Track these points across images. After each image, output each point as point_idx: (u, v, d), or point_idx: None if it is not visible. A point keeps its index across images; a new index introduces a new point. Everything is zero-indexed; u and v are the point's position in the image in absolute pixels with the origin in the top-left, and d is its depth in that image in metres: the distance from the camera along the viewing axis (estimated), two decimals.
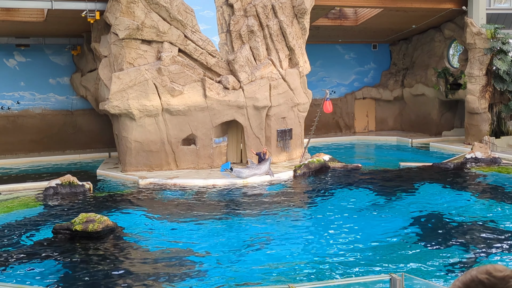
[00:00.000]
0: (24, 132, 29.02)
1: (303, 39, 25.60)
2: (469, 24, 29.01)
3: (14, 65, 29.08)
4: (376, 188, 20.59)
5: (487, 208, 17.41)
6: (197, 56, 23.36)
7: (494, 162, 24.36)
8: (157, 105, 22.72)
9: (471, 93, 29.27)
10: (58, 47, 29.69)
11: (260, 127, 24.20)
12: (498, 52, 28.40)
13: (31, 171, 25.89)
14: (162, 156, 23.34)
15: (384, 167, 25.22)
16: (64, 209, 18.20)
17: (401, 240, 14.42)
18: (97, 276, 12.07)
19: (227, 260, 13.06)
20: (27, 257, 13.42)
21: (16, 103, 29.09)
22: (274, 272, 12.17)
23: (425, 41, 34.77)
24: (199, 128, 23.48)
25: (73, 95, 30.04)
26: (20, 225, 16.36)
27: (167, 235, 15.20)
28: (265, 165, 22.21)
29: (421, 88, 34.58)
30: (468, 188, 20.72)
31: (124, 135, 23.20)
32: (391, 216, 16.89)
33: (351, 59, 36.87)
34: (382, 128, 37.29)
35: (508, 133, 29.87)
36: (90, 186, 20.85)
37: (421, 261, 12.70)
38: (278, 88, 24.50)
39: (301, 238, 14.98)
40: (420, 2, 29.44)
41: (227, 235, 15.05)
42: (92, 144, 30.00)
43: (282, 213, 17.19)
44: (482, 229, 15.18)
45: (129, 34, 22.26)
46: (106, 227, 14.72)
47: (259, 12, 24.20)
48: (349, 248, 13.74)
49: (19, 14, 25.17)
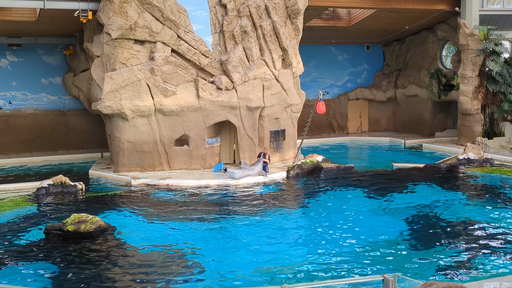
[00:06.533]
0: (16, 132, 28.84)
1: (296, 40, 25.60)
2: (462, 25, 29.09)
3: (6, 65, 28.92)
4: (369, 188, 20.62)
5: (479, 209, 17.46)
6: (190, 56, 23.32)
7: (486, 163, 24.45)
8: (150, 106, 22.65)
9: (464, 94, 29.35)
10: (51, 47, 29.54)
11: (253, 127, 24.17)
12: (491, 53, 28.48)
13: (23, 171, 25.75)
14: (155, 157, 23.28)
15: (377, 168, 25.25)
16: (56, 210, 18.11)
17: (393, 240, 14.44)
18: (89, 276, 12.01)
19: (220, 260, 13.03)
20: (18, 257, 13.34)
21: (8, 103, 28.92)
22: (268, 272, 12.15)
23: (418, 42, 34.84)
24: (192, 129, 23.43)
25: (65, 95, 29.89)
26: (11, 226, 16.27)
27: (159, 236, 15.16)
28: (258, 166, 22.20)
29: (414, 89, 34.64)
30: (461, 189, 20.78)
31: (116, 136, 23.12)
32: (384, 216, 16.92)
33: (344, 60, 36.89)
34: (375, 129, 37.33)
35: (500, 134, 29.98)
36: (82, 186, 20.76)
37: (414, 261, 12.72)
38: (271, 88, 24.48)
39: (294, 238, 14.98)
40: (413, 3, 29.50)
41: (219, 236, 15.03)
42: (84, 145, 29.86)
43: (275, 214, 17.18)
44: (475, 230, 15.22)
45: (122, 34, 22.18)
46: (98, 227, 14.68)
47: (252, 13, 24.17)
48: (342, 249, 13.74)
49: (11, 14, 25.03)
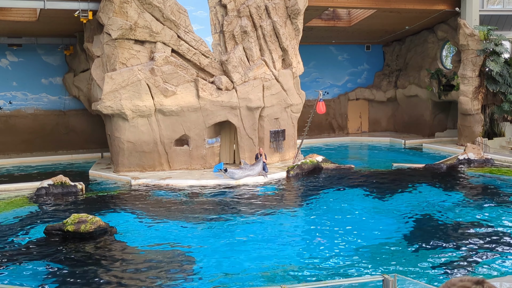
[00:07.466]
0: (16, 132, 28.85)
1: (296, 40, 25.59)
2: (462, 26, 29.08)
3: (6, 65, 28.93)
4: (368, 189, 20.61)
5: (479, 209, 17.44)
6: (190, 56, 23.32)
7: (486, 163, 24.43)
8: (150, 106, 22.66)
9: (464, 95, 29.34)
10: (51, 47, 29.55)
11: (253, 128, 24.17)
12: (491, 53, 28.47)
13: (23, 171, 25.75)
14: (155, 157, 23.28)
15: (377, 168, 25.24)
16: (56, 210, 18.11)
17: (394, 240, 14.43)
18: (89, 276, 12.01)
19: (219, 260, 13.03)
20: (19, 257, 13.34)
21: (8, 103, 28.93)
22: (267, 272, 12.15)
23: (418, 42, 34.84)
24: (192, 129, 23.43)
25: (65, 95, 29.90)
26: (11, 226, 16.27)
27: (159, 236, 15.15)
28: (258, 166, 22.20)
29: (414, 89, 34.64)
30: (461, 189, 20.77)
31: (116, 136, 23.12)
32: (383, 217, 16.91)
33: (345, 60, 36.89)
34: (375, 129, 37.32)
35: (500, 134, 29.96)
36: (82, 186, 20.75)
37: (414, 262, 12.72)
38: (271, 89, 24.48)
39: (294, 239, 14.98)
40: (413, 3, 29.49)
41: (219, 236, 15.02)
42: (84, 145, 29.86)
43: (275, 214, 17.18)
44: (475, 230, 15.21)
45: (122, 34, 22.19)
46: (98, 227, 14.67)
47: (253, 13, 24.17)
48: (342, 249, 13.74)
49: (11, 14, 25.04)
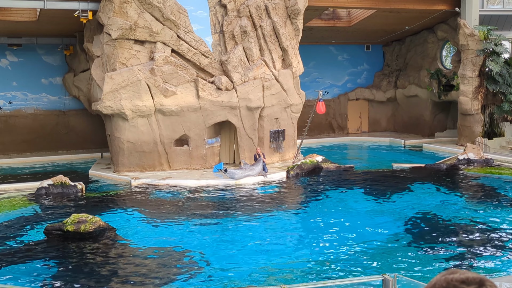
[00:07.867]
0: (16, 132, 28.83)
1: (296, 40, 25.59)
2: (462, 26, 29.07)
3: (6, 65, 28.92)
4: (368, 189, 20.61)
5: (479, 209, 17.44)
6: (190, 56, 23.31)
7: (486, 163, 24.43)
8: (150, 106, 22.65)
9: (464, 95, 29.33)
10: (51, 47, 29.54)
11: (253, 127, 24.17)
12: (491, 53, 28.45)
13: (23, 171, 25.75)
14: (155, 157, 23.27)
15: (377, 168, 25.24)
16: (56, 210, 18.11)
17: (393, 240, 14.43)
18: (89, 276, 12.01)
19: (219, 260, 13.03)
20: (18, 257, 13.34)
21: (8, 103, 28.92)
22: (267, 272, 12.15)
23: (418, 42, 34.83)
24: (192, 129, 23.43)
25: (65, 95, 29.88)
26: (11, 226, 16.27)
27: (159, 236, 15.16)
28: (258, 166, 22.19)
29: (414, 89, 34.63)
30: (461, 189, 20.78)
31: (116, 136, 23.11)
32: (383, 217, 16.91)
33: (344, 60, 36.88)
34: (375, 129, 37.31)
35: (500, 134, 29.96)
36: (82, 186, 20.74)
37: (414, 261, 12.71)
38: (271, 89, 24.48)
39: (293, 239, 14.98)
40: (413, 4, 29.49)
41: (219, 236, 15.02)
42: (84, 145, 29.85)
43: (275, 214, 17.18)
44: (475, 230, 15.22)
45: (122, 34, 22.18)
46: (98, 227, 14.66)
47: (252, 13, 24.17)
48: (342, 249, 13.74)
49: (11, 14, 25.03)
